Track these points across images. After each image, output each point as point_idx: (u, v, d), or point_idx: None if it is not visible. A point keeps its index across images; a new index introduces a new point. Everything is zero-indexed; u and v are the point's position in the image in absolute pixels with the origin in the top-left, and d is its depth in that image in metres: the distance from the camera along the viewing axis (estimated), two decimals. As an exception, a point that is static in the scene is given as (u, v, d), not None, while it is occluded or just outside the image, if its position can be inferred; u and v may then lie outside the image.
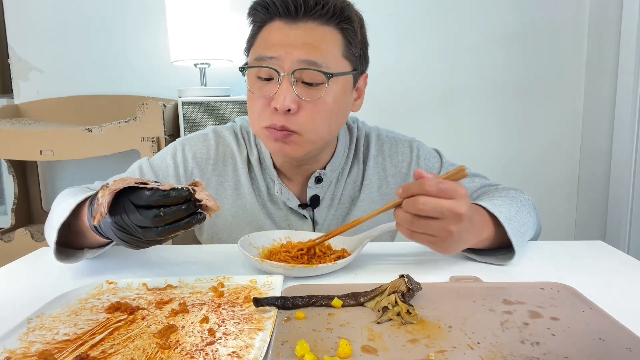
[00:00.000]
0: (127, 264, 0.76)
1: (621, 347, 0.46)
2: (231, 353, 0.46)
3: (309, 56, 0.75)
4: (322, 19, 0.77)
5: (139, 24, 2.08)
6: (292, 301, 0.56)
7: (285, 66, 0.75)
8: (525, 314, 0.54)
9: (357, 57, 0.82)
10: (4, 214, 2.22)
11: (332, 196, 0.92)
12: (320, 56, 0.76)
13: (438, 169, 0.96)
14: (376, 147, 0.95)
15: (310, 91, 0.77)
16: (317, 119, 0.78)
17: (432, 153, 0.98)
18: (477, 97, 2.13)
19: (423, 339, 0.48)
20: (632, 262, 0.74)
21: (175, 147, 0.94)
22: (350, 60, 0.80)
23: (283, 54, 0.75)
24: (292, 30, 0.77)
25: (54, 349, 0.48)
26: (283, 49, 0.75)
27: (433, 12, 2.06)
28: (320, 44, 0.76)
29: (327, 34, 0.77)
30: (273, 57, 0.76)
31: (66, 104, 2.09)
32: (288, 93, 0.75)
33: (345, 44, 0.79)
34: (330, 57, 0.77)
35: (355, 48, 0.81)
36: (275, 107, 0.75)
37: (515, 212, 0.77)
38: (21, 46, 2.09)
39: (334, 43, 0.78)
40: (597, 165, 2.05)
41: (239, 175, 0.92)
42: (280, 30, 0.77)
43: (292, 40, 0.76)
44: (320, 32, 0.77)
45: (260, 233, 0.80)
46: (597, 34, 2.03)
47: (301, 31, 0.76)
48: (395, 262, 0.75)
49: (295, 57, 0.75)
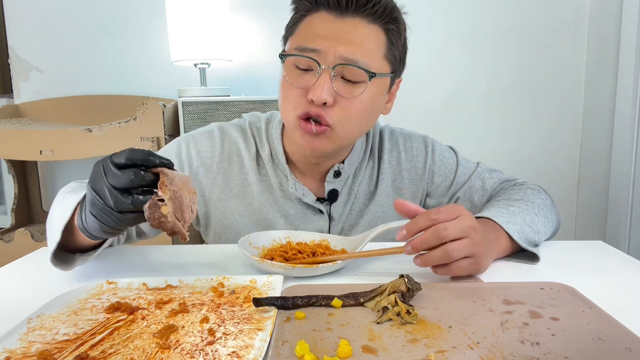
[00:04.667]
0: (127, 264, 0.76)
1: (621, 347, 0.46)
2: (231, 353, 0.46)
3: (353, 53, 0.74)
4: (371, 17, 0.76)
5: (139, 24, 2.08)
6: (292, 301, 0.56)
7: (328, 59, 0.74)
8: (525, 314, 0.54)
9: (397, 60, 0.81)
10: (4, 214, 2.22)
11: (349, 191, 0.92)
12: (363, 54, 0.75)
13: (454, 166, 0.96)
14: (390, 142, 0.96)
15: (349, 88, 0.76)
16: (352, 116, 0.78)
17: (446, 149, 0.98)
18: (477, 97, 2.13)
19: (423, 339, 0.48)
20: (632, 262, 0.74)
21: (180, 144, 0.92)
22: (390, 62, 0.80)
23: (326, 46, 0.74)
24: (338, 24, 0.75)
25: (54, 349, 0.48)
26: (327, 42, 0.74)
27: (433, 12, 2.06)
28: (365, 42, 0.75)
29: (372, 32, 0.76)
30: (315, 50, 0.75)
31: (66, 104, 2.09)
32: (326, 86, 0.74)
33: (388, 45, 0.78)
34: (372, 56, 0.76)
35: (397, 50, 0.80)
36: (312, 98, 0.74)
37: (530, 220, 0.78)
38: (21, 46, 2.09)
39: (377, 43, 0.77)
40: (597, 165, 2.05)
41: (246, 173, 0.91)
42: (325, 22, 0.76)
43: (337, 34, 0.75)
44: (367, 30, 0.76)
45: (260, 233, 0.80)
46: (597, 34, 2.03)
47: (348, 26, 0.75)
48: (395, 262, 0.75)
49: (338, 52, 0.74)
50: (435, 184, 0.96)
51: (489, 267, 0.71)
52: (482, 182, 0.95)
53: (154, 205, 0.54)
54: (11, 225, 2.02)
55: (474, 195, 0.95)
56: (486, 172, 0.96)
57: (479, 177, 0.95)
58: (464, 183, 0.95)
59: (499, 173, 0.97)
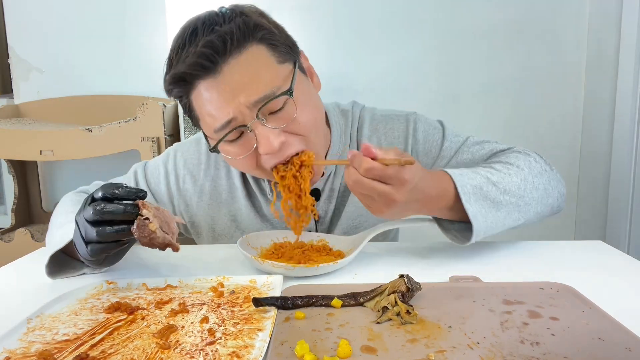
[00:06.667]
0: (127, 264, 0.76)
1: (621, 347, 0.46)
2: (231, 353, 0.46)
3: (259, 93, 0.69)
4: (238, 49, 0.69)
5: (139, 24, 2.08)
6: (291, 301, 0.56)
7: (247, 117, 0.70)
8: (525, 314, 0.54)
9: (287, 50, 0.75)
10: (4, 214, 2.22)
11: (331, 187, 0.89)
12: (265, 83, 0.70)
13: (439, 141, 0.89)
14: (370, 127, 0.91)
15: (282, 114, 0.72)
16: (306, 130, 0.74)
17: (433, 125, 0.92)
18: (476, 97, 2.13)
19: (423, 339, 0.48)
20: (632, 262, 0.74)
21: (168, 154, 0.94)
22: (285, 59, 0.74)
23: (234, 108, 0.69)
24: (220, 81, 0.69)
25: (53, 349, 0.48)
26: (231, 105, 0.69)
27: (432, 11, 2.06)
28: (257, 74, 0.70)
29: (251, 57, 0.70)
30: (229, 120, 0.70)
31: (66, 104, 2.09)
32: (269, 134, 0.70)
33: (272, 49, 0.72)
34: (271, 75, 0.71)
35: (282, 45, 0.74)
36: (267, 153, 0.71)
37: (498, 179, 0.73)
38: (21, 46, 2.09)
39: (263, 60, 0.71)
40: (597, 165, 2.05)
41: (232, 177, 0.91)
42: (209, 89, 0.70)
43: (230, 90, 0.69)
44: (245, 62, 0.69)
45: (258, 233, 0.80)
46: (597, 34, 2.03)
47: (230, 74, 0.69)
48: (395, 262, 0.75)
49: (247, 103, 0.69)
50: (422, 162, 0.90)
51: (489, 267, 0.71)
52: (471, 155, 0.87)
53: (142, 225, 0.58)
54: (11, 225, 2.02)
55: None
56: (476, 145, 0.88)
57: (467, 151, 0.88)
58: (451, 158, 0.88)
59: (491, 144, 0.89)
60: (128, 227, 0.59)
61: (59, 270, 0.69)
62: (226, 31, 0.68)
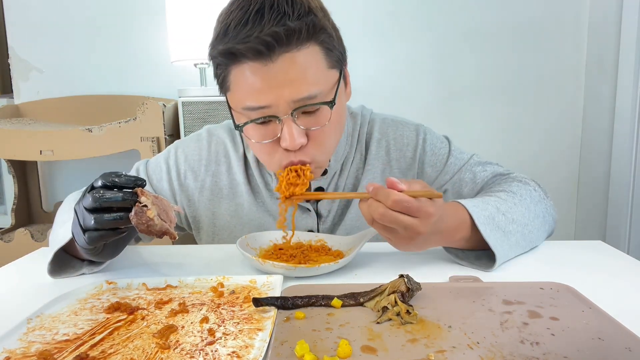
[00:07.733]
0: (126, 264, 0.76)
1: (620, 347, 0.46)
2: (231, 353, 0.46)
3: (301, 92, 0.69)
4: (297, 44, 0.69)
5: (139, 24, 2.08)
6: (291, 301, 0.56)
7: (281, 110, 0.70)
8: (525, 314, 0.54)
9: (339, 57, 0.75)
10: (4, 214, 2.22)
11: (335, 186, 0.90)
12: (311, 85, 0.70)
13: (445, 155, 0.92)
14: (380, 130, 0.93)
15: (315, 118, 0.73)
16: (328, 140, 0.76)
17: (440, 139, 0.94)
18: (477, 97, 2.13)
19: (423, 339, 0.48)
20: (632, 262, 0.74)
21: (170, 150, 0.95)
22: (334, 65, 0.74)
23: (274, 99, 0.69)
24: (271, 70, 0.68)
25: (53, 349, 0.48)
26: (272, 94, 0.69)
27: (432, 11, 2.06)
28: (306, 73, 0.69)
29: (307, 57, 0.70)
30: (265, 107, 0.70)
31: (66, 104, 2.09)
32: (295, 132, 0.71)
33: (326, 53, 0.72)
34: (319, 78, 0.71)
35: (336, 50, 0.74)
36: (287, 147, 0.72)
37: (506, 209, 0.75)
38: (21, 46, 2.09)
39: (316, 62, 0.71)
40: (597, 165, 2.05)
41: (234, 173, 0.91)
42: (256, 74, 0.69)
43: (276, 81, 0.69)
44: (300, 58, 0.69)
45: (257, 234, 0.80)
46: (597, 34, 2.03)
47: (281, 66, 0.68)
48: (395, 262, 0.75)
49: (288, 98, 0.69)
50: (426, 174, 0.92)
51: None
52: (472, 174, 0.91)
53: (140, 212, 0.58)
54: (11, 225, 2.02)
55: (463, 189, 0.91)
56: (479, 165, 0.92)
57: (470, 170, 0.91)
58: (454, 174, 0.91)
59: (493, 166, 0.92)
60: (126, 214, 0.59)
61: (59, 269, 0.70)
62: (294, 28, 0.67)
